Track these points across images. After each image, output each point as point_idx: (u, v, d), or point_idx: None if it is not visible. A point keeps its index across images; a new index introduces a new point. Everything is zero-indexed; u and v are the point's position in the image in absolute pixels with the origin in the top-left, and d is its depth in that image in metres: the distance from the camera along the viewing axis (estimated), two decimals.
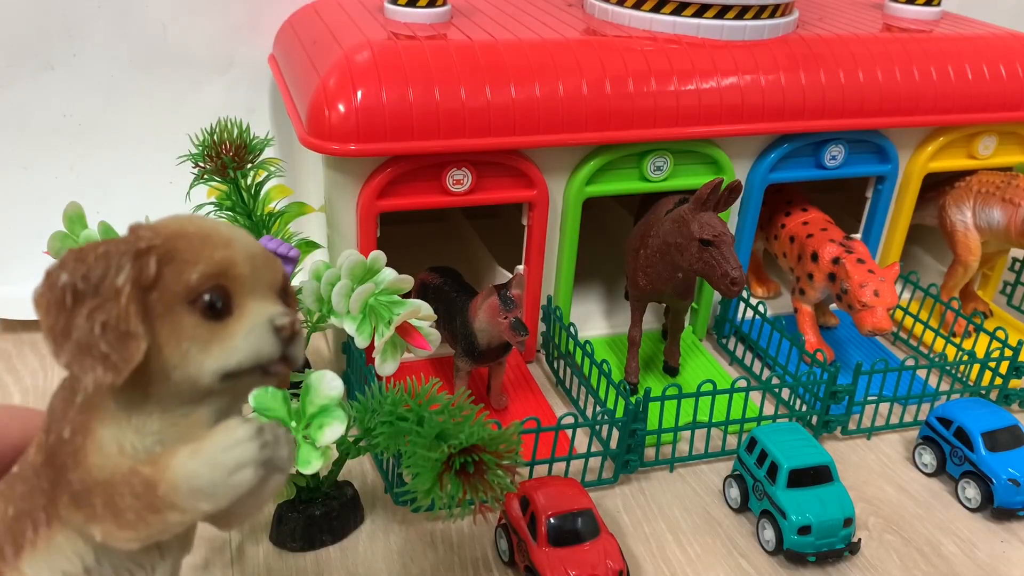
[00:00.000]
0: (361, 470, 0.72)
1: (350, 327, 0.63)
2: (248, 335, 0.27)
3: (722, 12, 0.81)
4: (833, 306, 0.95)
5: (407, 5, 0.80)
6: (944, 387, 0.83)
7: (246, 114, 0.89)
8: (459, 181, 0.75)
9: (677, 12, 0.82)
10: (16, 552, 0.28)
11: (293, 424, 0.56)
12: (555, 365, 0.85)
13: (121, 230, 0.82)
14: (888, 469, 0.76)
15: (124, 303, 0.26)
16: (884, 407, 0.82)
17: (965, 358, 0.84)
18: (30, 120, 0.89)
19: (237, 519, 0.29)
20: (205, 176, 0.72)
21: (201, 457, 0.26)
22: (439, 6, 0.81)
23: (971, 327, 0.91)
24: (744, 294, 0.91)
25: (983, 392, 0.83)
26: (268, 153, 0.76)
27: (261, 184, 0.75)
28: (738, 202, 0.85)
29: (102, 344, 0.26)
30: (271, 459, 0.27)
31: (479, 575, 0.62)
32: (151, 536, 0.27)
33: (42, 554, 0.28)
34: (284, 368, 0.28)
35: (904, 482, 0.75)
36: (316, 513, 0.63)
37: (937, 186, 0.95)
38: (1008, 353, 0.82)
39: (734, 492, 0.70)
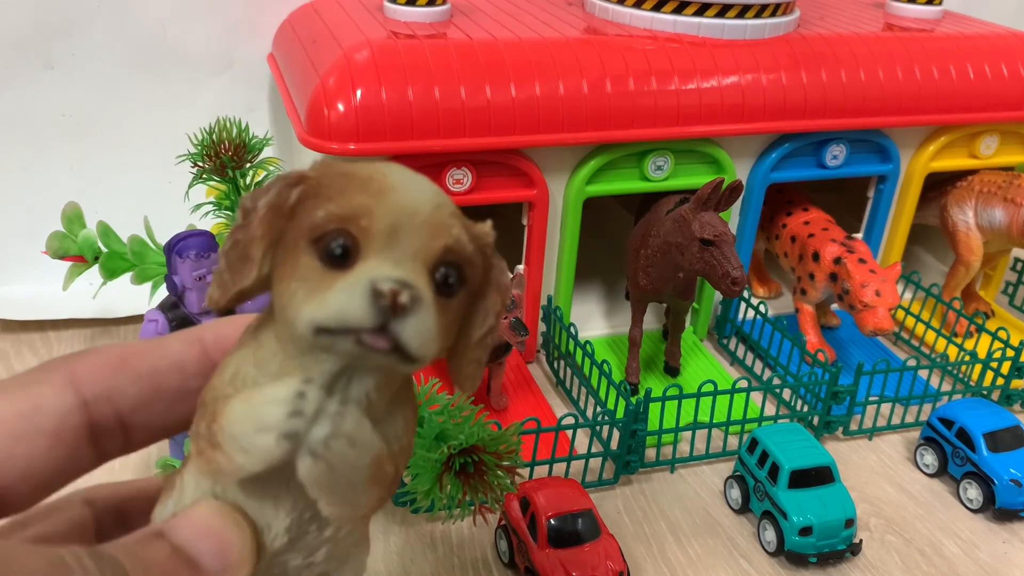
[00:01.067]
0: None
1: None
2: (341, 291, 0.23)
3: (723, 11, 0.81)
4: (834, 306, 0.94)
5: (407, 4, 0.80)
6: (946, 387, 0.83)
7: (245, 113, 0.88)
8: (459, 181, 0.74)
9: (678, 11, 0.82)
10: (189, 458, 0.27)
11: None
12: (555, 365, 0.85)
13: (120, 229, 0.82)
14: (889, 470, 0.76)
15: (255, 225, 0.25)
16: (885, 407, 0.82)
17: (967, 358, 0.83)
18: (29, 120, 0.89)
19: (329, 504, 0.25)
20: (204, 176, 0.72)
21: (246, 403, 0.25)
22: (439, 5, 0.80)
23: (973, 327, 0.91)
24: (745, 294, 0.90)
25: (985, 392, 0.83)
26: (267, 153, 0.76)
27: (260, 183, 0.75)
28: (739, 202, 0.85)
29: (224, 261, 0.26)
30: (297, 433, 0.24)
31: None
32: (214, 473, 0.25)
33: (197, 465, 0.27)
34: (382, 343, 0.23)
35: (905, 483, 0.75)
36: None
37: (938, 186, 0.95)
38: (1010, 353, 0.82)
39: (735, 493, 0.70)
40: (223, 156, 0.71)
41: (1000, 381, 0.83)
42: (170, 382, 0.29)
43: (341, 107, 0.69)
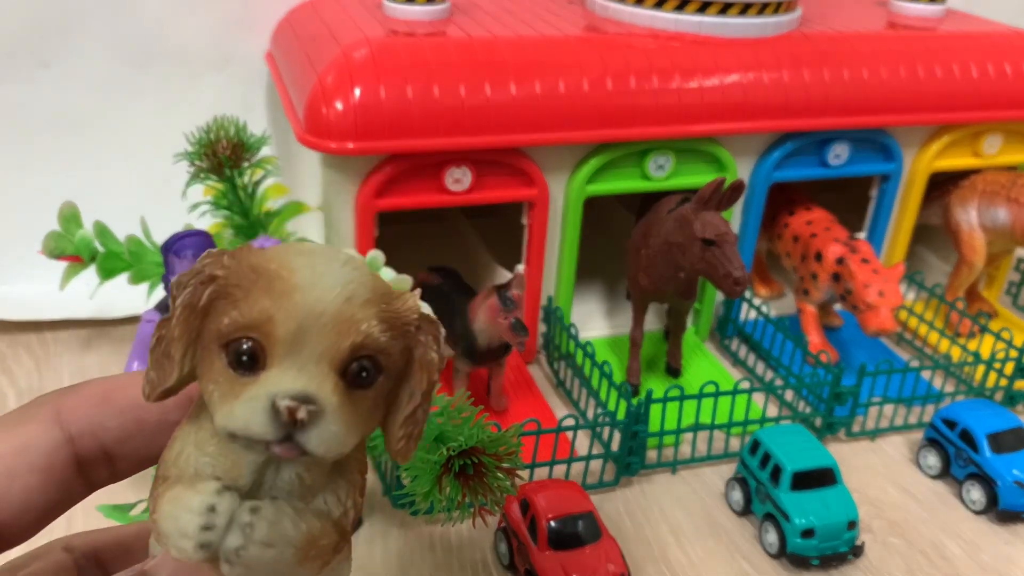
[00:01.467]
0: None
1: None
2: (244, 404, 0.24)
3: (724, 9, 0.81)
4: (837, 306, 0.94)
5: (406, 2, 0.79)
6: (949, 388, 0.83)
7: (243, 112, 0.87)
8: (458, 180, 0.74)
9: (679, 9, 0.81)
10: None
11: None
12: (556, 366, 0.85)
13: (116, 229, 0.81)
14: (892, 471, 0.76)
15: (173, 324, 0.26)
16: (888, 409, 0.82)
17: (970, 359, 0.83)
18: (25, 119, 0.89)
19: None
20: (201, 175, 0.72)
21: (172, 503, 0.26)
22: (438, 3, 0.80)
23: (976, 328, 0.90)
24: (747, 294, 0.90)
25: (988, 394, 0.83)
26: (265, 152, 0.76)
27: (258, 183, 0.75)
28: (741, 201, 0.85)
29: (151, 358, 0.27)
30: (211, 544, 0.25)
31: None
32: (166, 549, 0.26)
33: None
34: (290, 452, 0.25)
35: (908, 484, 0.74)
36: None
37: (942, 185, 0.94)
38: (1013, 354, 0.82)
39: (737, 495, 0.69)
40: (220, 155, 0.70)
41: (1003, 382, 0.82)
42: (151, 415, 0.31)
43: (339, 105, 0.69)
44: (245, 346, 0.25)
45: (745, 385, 0.75)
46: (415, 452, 0.29)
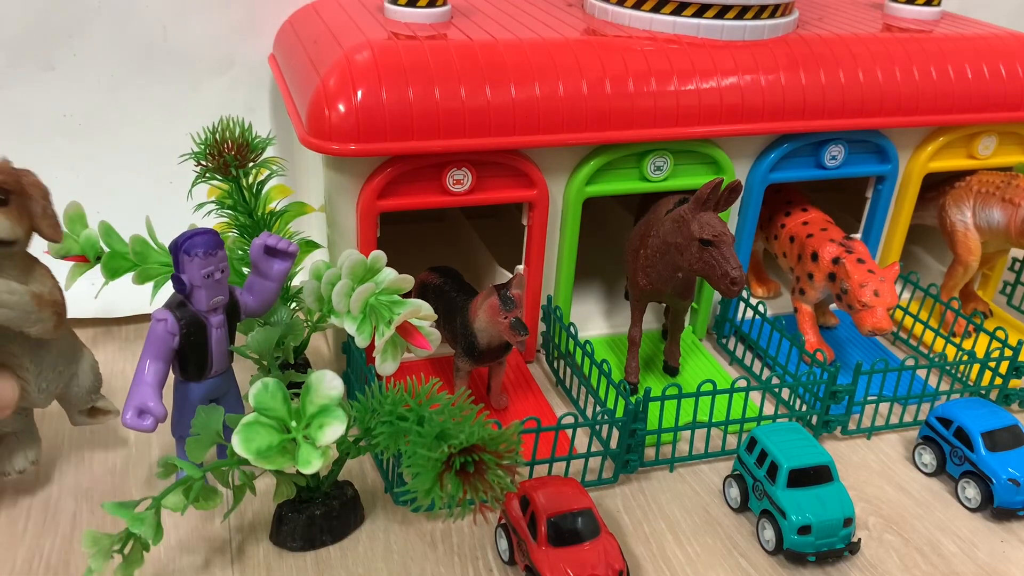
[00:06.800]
0: (361, 470, 0.72)
1: (350, 327, 0.63)
2: None
3: (722, 12, 0.81)
4: (833, 306, 0.95)
5: (407, 5, 0.80)
6: (944, 387, 0.83)
7: (246, 114, 0.88)
8: (459, 181, 0.75)
9: (677, 12, 0.82)
10: None
11: (293, 424, 0.56)
12: (555, 365, 0.85)
13: (121, 229, 0.82)
14: (888, 469, 0.76)
15: None
16: (884, 407, 0.82)
17: (965, 358, 0.84)
18: (31, 120, 0.89)
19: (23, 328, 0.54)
20: (207, 174, 0.72)
21: None
22: (439, 6, 0.81)
23: (971, 327, 0.91)
24: (744, 294, 0.91)
25: (983, 392, 0.83)
26: (268, 153, 0.76)
27: (262, 183, 0.75)
28: (738, 202, 0.85)
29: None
30: None
31: (479, 575, 0.62)
32: None
33: None
34: None
35: (904, 482, 0.75)
36: (316, 513, 0.63)
37: (937, 186, 0.95)
38: (1008, 353, 0.82)
39: (734, 492, 0.70)
40: (226, 155, 0.71)
41: (998, 380, 0.83)
42: None
43: (342, 107, 0.69)
44: None
45: (742, 384, 0.76)
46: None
